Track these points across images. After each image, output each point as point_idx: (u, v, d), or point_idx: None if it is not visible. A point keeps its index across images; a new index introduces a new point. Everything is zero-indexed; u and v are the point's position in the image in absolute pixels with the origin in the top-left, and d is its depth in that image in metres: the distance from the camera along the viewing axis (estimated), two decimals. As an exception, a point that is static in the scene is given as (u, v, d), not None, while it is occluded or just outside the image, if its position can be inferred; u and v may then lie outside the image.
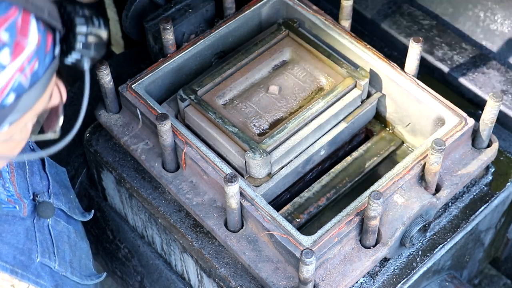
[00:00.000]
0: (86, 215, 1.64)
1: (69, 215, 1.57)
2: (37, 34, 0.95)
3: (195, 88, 1.57)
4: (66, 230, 1.55)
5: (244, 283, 1.45)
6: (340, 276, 1.38)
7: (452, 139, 1.48)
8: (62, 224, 1.54)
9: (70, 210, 1.57)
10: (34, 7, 0.94)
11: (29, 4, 0.93)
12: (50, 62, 0.98)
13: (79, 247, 1.58)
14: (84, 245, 1.61)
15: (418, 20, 1.89)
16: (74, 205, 1.62)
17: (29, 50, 0.94)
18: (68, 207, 1.57)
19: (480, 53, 1.81)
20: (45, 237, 1.47)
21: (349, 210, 1.40)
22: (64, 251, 1.51)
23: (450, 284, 1.65)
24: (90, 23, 1.00)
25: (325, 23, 1.67)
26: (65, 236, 1.54)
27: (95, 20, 1.01)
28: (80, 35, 0.99)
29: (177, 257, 1.63)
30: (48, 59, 0.97)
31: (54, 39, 0.98)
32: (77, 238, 1.58)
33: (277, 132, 1.50)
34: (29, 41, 0.94)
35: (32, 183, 1.48)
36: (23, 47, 0.93)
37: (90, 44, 1.00)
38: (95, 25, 1.00)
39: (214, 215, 1.46)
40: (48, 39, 0.97)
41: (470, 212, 1.57)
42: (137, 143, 1.58)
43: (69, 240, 1.55)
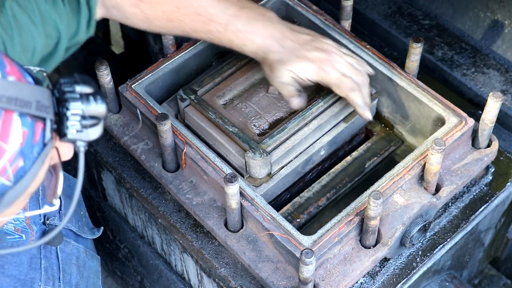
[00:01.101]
0: (95, 231, 1.63)
1: (79, 234, 1.56)
2: (21, 131, 0.85)
3: (195, 88, 1.57)
4: (76, 250, 1.54)
5: (244, 283, 1.45)
6: (340, 276, 1.38)
7: (452, 139, 1.48)
8: (72, 245, 1.53)
9: (79, 229, 1.56)
10: (18, 105, 0.84)
11: (13, 102, 0.84)
12: (40, 151, 0.89)
13: (88, 267, 1.57)
14: (93, 264, 1.60)
15: (418, 20, 1.89)
16: (84, 221, 1.61)
17: (11, 152, 0.85)
18: (78, 226, 1.55)
19: (480, 53, 1.81)
20: (51, 262, 1.46)
21: (349, 210, 1.40)
22: (71, 274, 1.50)
23: (450, 284, 1.65)
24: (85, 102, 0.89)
25: (325, 23, 1.67)
26: (74, 257, 1.53)
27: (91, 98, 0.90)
28: (73, 119, 0.89)
29: (177, 257, 1.63)
30: (38, 149, 0.88)
31: (44, 126, 0.89)
32: (86, 258, 1.57)
33: (277, 132, 1.50)
34: (10, 143, 0.84)
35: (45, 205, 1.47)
36: (3, 151, 0.84)
37: (86, 127, 0.90)
38: (91, 103, 0.90)
39: (214, 215, 1.47)
40: (37, 129, 0.88)
41: (470, 212, 1.57)
42: (137, 143, 1.58)
43: (78, 261, 1.54)
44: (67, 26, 1.26)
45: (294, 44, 1.46)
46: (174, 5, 1.41)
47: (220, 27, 1.43)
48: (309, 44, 1.47)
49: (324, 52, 1.47)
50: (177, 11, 1.41)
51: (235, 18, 1.43)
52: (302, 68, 1.46)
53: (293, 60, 1.46)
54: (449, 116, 1.52)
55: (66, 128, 0.88)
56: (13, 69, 0.87)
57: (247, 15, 1.44)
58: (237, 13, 1.43)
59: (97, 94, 0.90)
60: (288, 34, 1.47)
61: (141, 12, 1.41)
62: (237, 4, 1.44)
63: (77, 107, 0.88)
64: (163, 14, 1.42)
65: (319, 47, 1.48)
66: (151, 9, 1.40)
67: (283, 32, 1.47)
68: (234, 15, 1.43)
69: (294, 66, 1.46)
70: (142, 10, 1.40)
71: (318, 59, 1.46)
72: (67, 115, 0.88)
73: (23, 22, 1.17)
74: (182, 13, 1.41)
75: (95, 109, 0.89)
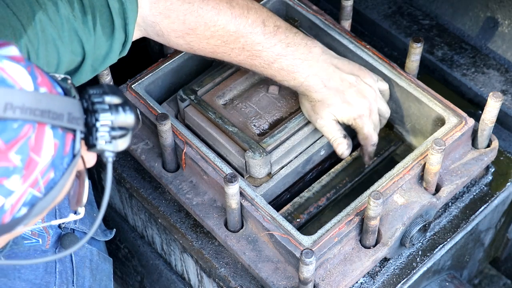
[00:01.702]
0: (108, 233, 1.63)
1: (92, 237, 1.56)
2: (53, 142, 0.85)
3: (195, 88, 1.57)
4: (89, 253, 1.54)
5: (244, 283, 1.45)
6: (340, 276, 1.38)
7: (452, 139, 1.48)
8: (86, 248, 1.53)
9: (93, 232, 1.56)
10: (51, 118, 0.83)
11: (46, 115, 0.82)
12: (70, 162, 0.88)
13: (100, 270, 1.57)
14: (106, 266, 1.60)
15: (418, 20, 1.89)
16: None
17: (43, 164, 0.84)
18: None
19: (480, 53, 1.81)
20: (65, 266, 1.46)
21: (349, 210, 1.40)
22: (84, 278, 1.50)
23: (450, 284, 1.65)
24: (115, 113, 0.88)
25: (325, 23, 1.67)
26: (87, 260, 1.53)
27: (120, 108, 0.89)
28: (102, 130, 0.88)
29: (177, 257, 1.63)
30: (67, 160, 0.88)
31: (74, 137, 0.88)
32: (99, 260, 1.57)
33: (277, 132, 1.50)
34: (43, 155, 0.84)
35: (60, 208, 1.47)
36: (36, 164, 0.83)
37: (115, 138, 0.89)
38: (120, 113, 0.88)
39: (214, 215, 1.46)
40: (67, 141, 0.87)
41: (470, 212, 1.57)
42: (137, 143, 1.58)
43: (91, 264, 1.54)
44: (95, 47, 1.23)
45: (338, 85, 1.46)
46: (221, 40, 1.39)
47: (265, 63, 1.43)
48: (352, 87, 1.47)
49: (366, 99, 1.48)
50: (224, 46, 1.40)
51: (280, 57, 1.42)
52: (343, 112, 1.48)
53: (336, 104, 1.47)
54: (449, 116, 1.52)
55: (96, 139, 0.87)
56: (44, 80, 0.85)
57: (293, 54, 1.43)
58: (283, 52, 1.42)
59: (126, 105, 0.89)
60: (333, 73, 1.46)
61: (186, 44, 1.40)
62: (284, 41, 1.42)
63: (107, 118, 0.87)
64: (208, 46, 1.41)
65: (362, 91, 1.48)
66: (197, 41, 1.39)
67: (327, 71, 1.46)
68: (280, 54, 1.42)
69: (336, 109, 1.47)
70: (187, 42, 1.39)
71: (359, 107, 1.48)
72: (96, 126, 0.87)
73: (50, 36, 1.15)
74: (229, 48, 1.41)
75: (124, 119, 0.89)
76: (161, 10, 1.33)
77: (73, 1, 1.19)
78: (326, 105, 1.47)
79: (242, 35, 1.39)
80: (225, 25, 1.37)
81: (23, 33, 1.11)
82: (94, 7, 1.21)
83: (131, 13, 1.26)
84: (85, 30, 1.20)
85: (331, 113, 1.48)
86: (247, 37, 1.39)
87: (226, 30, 1.38)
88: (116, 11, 1.23)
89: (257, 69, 1.46)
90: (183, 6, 1.34)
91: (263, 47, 1.41)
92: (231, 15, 1.37)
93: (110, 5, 1.23)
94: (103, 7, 1.22)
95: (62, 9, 1.17)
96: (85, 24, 1.20)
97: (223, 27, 1.37)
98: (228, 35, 1.38)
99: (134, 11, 1.26)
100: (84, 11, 1.20)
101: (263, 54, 1.42)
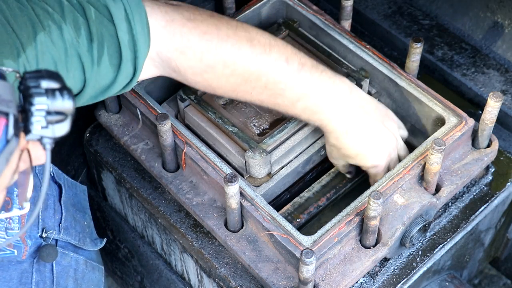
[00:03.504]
0: (98, 242, 1.59)
1: (79, 246, 1.53)
2: None
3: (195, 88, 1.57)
4: (74, 262, 1.51)
5: (244, 283, 1.45)
6: (340, 276, 1.38)
7: (452, 139, 1.48)
8: (70, 257, 1.50)
9: (80, 241, 1.52)
10: None
11: None
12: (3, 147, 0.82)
13: (87, 279, 1.54)
14: (94, 275, 1.56)
15: (418, 20, 1.89)
16: (87, 232, 1.57)
17: None
18: (78, 239, 1.52)
19: (480, 53, 1.81)
20: (43, 276, 1.43)
21: (349, 210, 1.40)
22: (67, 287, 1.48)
23: (450, 284, 1.65)
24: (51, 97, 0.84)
25: (325, 23, 1.67)
26: (71, 269, 1.50)
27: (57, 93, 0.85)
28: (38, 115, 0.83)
29: (177, 257, 1.63)
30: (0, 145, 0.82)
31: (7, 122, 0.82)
32: (86, 269, 1.54)
33: (277, 132, 1.50)
34: None
35: (44, 218, 1.45)
36: None
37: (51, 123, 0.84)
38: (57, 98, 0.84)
39: (214, 215, 1.47)
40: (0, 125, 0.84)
41: (470, 212, 1.57)
42: (137, 143, 1.58)
43: (76, 274, 1.51)
44: (97, 76, 1.20)
45: (360, 134, 1.43)
46: (242, 78, 1.34)
47: (289, 102, 1.39)
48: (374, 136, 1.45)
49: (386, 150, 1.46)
50: (244, 84, 1.35)
51: (304, 96, 1.37)
52: (358, 162, 1.48)
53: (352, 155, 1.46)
54: (449, 116, 1.52)
55: (31, 124, 0.84)
56: None
57: (318, 93, 1.38)
58: (307, 91, 1.37)
59: (64, 89, 0.86)
60: (358, 118, 1.42)
61: (204, 81, 1.35)
62: (309, 79, 1.37)
63: (42, 102, 0.84)
64: (228, 84, 1.36)
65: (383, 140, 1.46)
66: (216, 80, 1.34)
67: (353, 115, 1.42)
68: (304, 93, 1.37)
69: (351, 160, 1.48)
70: (205, 79, 1.34)
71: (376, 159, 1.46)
72: (31, 110, 0.84)
73: (52, 60, 1.12)
74: (250, 86, 1.35)
75: (61, 104, 0.85)
76: (177, 46, 1.28)
77: (79, 27, 1.15)
78: (342, 154, 1.47)
79: (264, 74, 1.34)
80: (245, 64, 1.32)
81: (21, 52, 1.08)
82: (103, 36, 1.17)
83: (142, 46, 1.21)
84: (89, 58, 1.17)
85: (346, 160, 1.49)
86: (269, 75, 1.34)
87: (246, 69, 1.33)
88: (125, 44, 1.19)
89: (280, 108, 1.41)
90: (200, 43, 1.29)
91: (286, 85, 1.36)
92: (252, 53, 1.32)
93: (119, 37, 1.19)
94: (112, 38, 1.18)
95: (67, 33, 1.13)
96: (90, 52, 1.17)
97: (243, 65, 1.32)
98: (249, 73, 1.33)
99: (145, 44, 1.22)
100: (91, 38, 1.16)
101: (286, 93, 1.37)
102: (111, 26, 1.18)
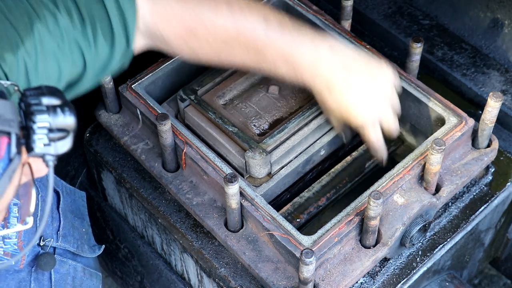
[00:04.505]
0: (96, 249, 1.60)
1: (77, 253, 1.53)
2: None
3: (195, 88, 1.57)
4: (72, 270, 1.51)
5: (244, 283, 1.45)
6: (340, 276, 1.38)
7: (452, 139, 1.48)
8: (68, 265, 1.50)
9: (78, 249, 1.53)
10: None
11: None
12: (6, 167, 0.83)
13: (85, 286, 1.54)
14: (92, 283, 1.57)
15: (418, 20, 1.89)
16: (85, 239, 1.58)
17: None
18: (76, 246, 1.52)
19: (480, 53, 1.81)
20: (42, 284, 1.43)
21: (349, 210, 1.40)
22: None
23: (450, 284, 1.65)
24: (52, 114, 0.85)
25: (325, 23, 1.67)
26: (69, 277, 1.50)
27: (59, 109, 0.85)
28: (40, 133, 0.84)
29: (177, 257, 1.63)
30: (3, 165, 0.83)
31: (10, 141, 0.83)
32: (84, 277, 1.54)
33: (277, 132, 1.50)
34: None
35: None
36: None
37: (54, 140, 0.85)
38: (58, 115, 0.85)
39: (214, 215, 1.47)
40: (2, 144, 0.83)
41: (470, 212, 1.57)
42: (137, 143, 1.58)
43: (74, 281, 1.51)
44: (96, 56, 1.21)
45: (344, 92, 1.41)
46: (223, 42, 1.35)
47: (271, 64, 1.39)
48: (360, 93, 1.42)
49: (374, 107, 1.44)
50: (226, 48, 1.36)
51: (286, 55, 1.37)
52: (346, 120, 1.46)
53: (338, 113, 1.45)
54: (449, 116, 1.52)
55: (33, 142, 0.84)
56: None
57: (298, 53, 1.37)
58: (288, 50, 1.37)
59: (66, 106, 0.86)
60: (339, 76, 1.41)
61: (190, 49, 1.36)
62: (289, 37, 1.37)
63: (44, 119, 0.84)
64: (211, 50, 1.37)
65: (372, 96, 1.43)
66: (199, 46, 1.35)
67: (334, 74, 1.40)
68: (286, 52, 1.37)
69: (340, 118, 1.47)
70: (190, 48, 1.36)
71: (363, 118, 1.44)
72: (33, 128, 0.84)
73: (50, 49, 1.13)
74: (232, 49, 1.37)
75: (63, 121, 0.86)
76: (160, 13, 1.31)
77: (71, 13, 1.16)
78: (330, 113, 1.47)
79: (243, 34, 1.35)
80: (223, 25, 1.34)
81: (20, 45, 1.08)
82: (94, 16, 1.19)
83: (131, 18, 1.23)
84: (85, 41, 1.18)
85: (336, 119, 1.48)
86: (247, 35, 1.35)
87: (225, 30, 1.34)
88: (115, 19, 1.21)
89: (265, 70, 1.42)
90: (181, 8, 1.32)
91: (266, 45, 1.36)
92: (230, 13, 1.34)
93: (109, 13, 1.20)
94: (102, 16, 1.20)
95: (62, 20, 1.14)
96: (85, 35, 1.18)
97: (222, 27, 1.34)
98: (229, 35, 1.35)
99: (133, 16, 1.24)
100: (83, 21, 1.17)
101: (267, 54, 1.37)
102: (99, 4, 1.20)
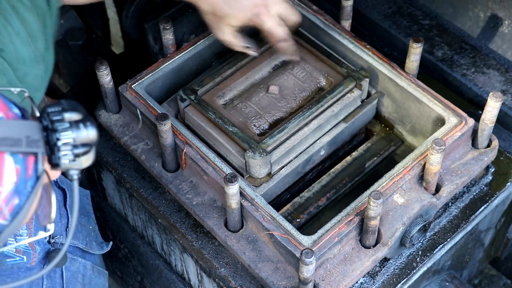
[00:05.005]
0: (104, 246, 1.61)
1: (86, 251, 1.54)
2: (14, 169, 0.83)
3: (195, 88, 1.57)
4: (82, 268, 1.52)
5: (244, 283, 1.45)
6: (340, 276, 1.38)
7: (452, 139, 1.48)
8: (78, 262, 1.51)
9: (87, 246, 1.54)
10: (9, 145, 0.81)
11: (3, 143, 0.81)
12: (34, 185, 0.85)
13: (94, 284, 1.55)
14: (100, 280, 1.58)
15: (418, 20, 1.89)
16: (92, 236, 1.59)
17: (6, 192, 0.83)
18: (85, 242, 1.54)
19: (480, 53, 1.81)
20: (54, 282, 1.44)
21: (349, 210, 1.40)
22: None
23: (450, 284, 1.65)
24: (76, 129, 0.86)
25: (325, 23, 1.67)
26: (80, 275, 1.51)
27: (81, 124, 0.86)
28: (64, 149, 0.85)
29: (177, 257, 1.63)
30: (31, 183, 0.85)
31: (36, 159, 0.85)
32: (93, 275, 1.55)
33: (277, 132, 1.50)
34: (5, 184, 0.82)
35: None
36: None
37: (78, 156, 0.86)
38: (81, 130, 0.86)
39: (214, 215, 1.46)
40: (29, 164, 0.85)
41: (470, 212, 1.57)
42: (137, 143, 1.58)
43: (84, 279, 1.52)
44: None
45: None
46: None
47: None
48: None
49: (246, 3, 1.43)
50: None
51: None
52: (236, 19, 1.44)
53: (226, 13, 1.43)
54: (449, 116, 1.52)
55: (58, 158, 0.85)
56: None
57: None
58: None
59: (87, 120, 0.87)
60: None
61: None
62: None
63: (68, 136, 0.85)
64: None
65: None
66: None
67: None
68: None
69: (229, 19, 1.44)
70: None
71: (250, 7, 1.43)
72: (58, 145, 0.85)
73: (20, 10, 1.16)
74: None
75: (86, 135, 0.87)
76: None
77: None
78: (218, 18, 1.44)
79: None
80: None
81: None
82: None
83: None
84: None
85: (227, 25, 1.45)
86: None
87: None
88: None
89: None
90: None
91: None
92: None
93: None
94: None
95: None
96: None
97: None
98: None
99: None
100: None
101: None
102: None
